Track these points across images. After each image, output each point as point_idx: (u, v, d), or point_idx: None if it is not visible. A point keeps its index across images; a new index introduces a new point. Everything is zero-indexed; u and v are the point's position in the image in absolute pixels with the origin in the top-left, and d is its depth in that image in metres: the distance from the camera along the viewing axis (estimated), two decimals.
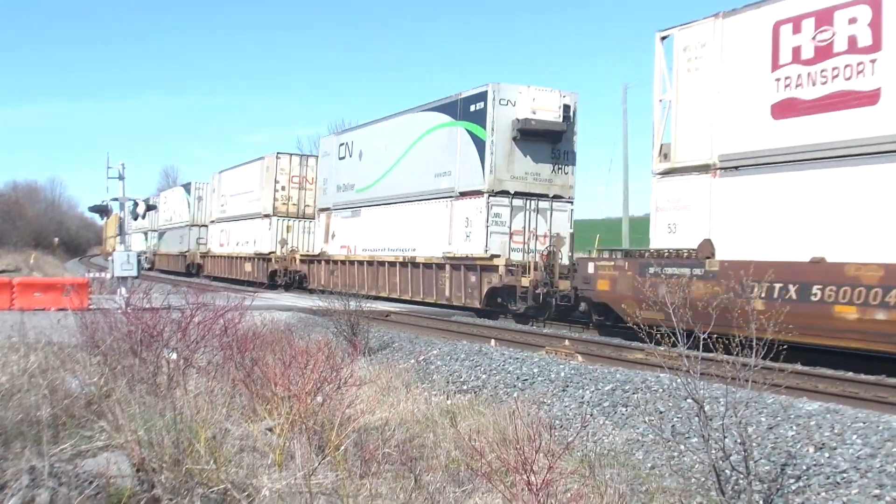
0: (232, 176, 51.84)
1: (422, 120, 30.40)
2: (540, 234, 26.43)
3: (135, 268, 26.02)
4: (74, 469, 6.67)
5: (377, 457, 8.50)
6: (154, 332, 11.09)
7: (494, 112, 26.10)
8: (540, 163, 26.80)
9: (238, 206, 49.25)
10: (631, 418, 11.64)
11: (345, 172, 36.77)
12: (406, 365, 16.58)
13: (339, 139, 38.53)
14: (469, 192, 26.98)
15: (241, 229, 48.54)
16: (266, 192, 43.88)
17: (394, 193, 31.93)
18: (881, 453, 8.95)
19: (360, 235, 34.60)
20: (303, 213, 43.76)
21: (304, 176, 43.82)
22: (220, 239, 53.11)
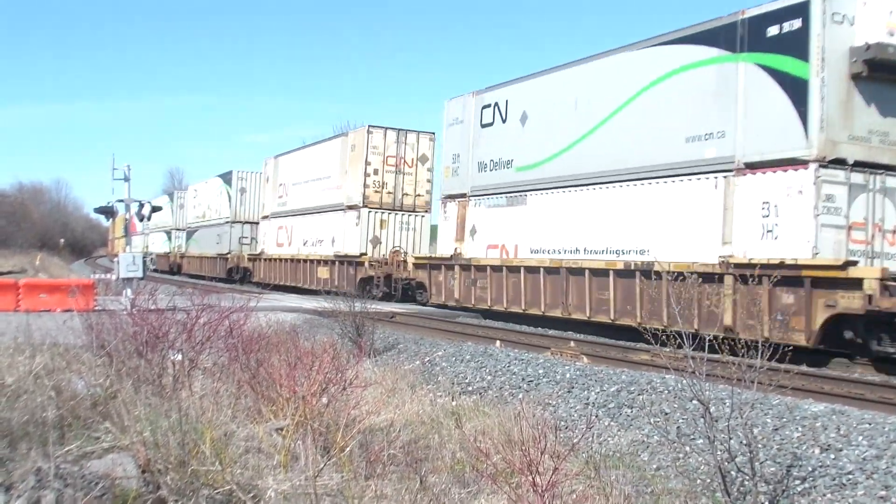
0: (296, 160, 42.94)
1: (651, 59, 20.46)
2: (889, 229, 17.08)
3: (140, 269, 26.08)
4: (80, 470, 6.68)
5: (382, 458, 8.51)
6: (159, 334, 11.10)
7: (825, 34, 16.43)
8: (891, 116, 17.15)
9: (306, 197, 40.29)
10: (636, 419, 11.63)
11: (493, 144, 26.06)
12: (411, 366, 16.59)
13: (480, 99, 27.03)
14: (769, 162, 17.30)
15: (310, 225, 39.52)
16: (352, 177, 35.05)
17: (595, 170, 21.68)
18: (887, 455, 8.93)
19: (525, 231, 24.18)
20: (400, 205, 34.86)
21: (402, 156, 34.77)
22: (279, 237, 43.95)
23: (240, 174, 50.91)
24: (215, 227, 53.69)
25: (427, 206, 35.24)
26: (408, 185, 34.93)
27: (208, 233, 55.63)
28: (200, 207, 58.96)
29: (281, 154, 45.54)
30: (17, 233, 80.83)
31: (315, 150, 40.89)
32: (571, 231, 22.29)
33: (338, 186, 36.45)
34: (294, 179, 42.30)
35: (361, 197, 34.26)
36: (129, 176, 28.21)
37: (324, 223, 37.94)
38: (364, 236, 34.32)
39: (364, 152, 34.26)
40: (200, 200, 59.35)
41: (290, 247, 41.97)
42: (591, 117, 21.79)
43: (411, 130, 35.11)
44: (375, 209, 34.46)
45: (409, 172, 34.85)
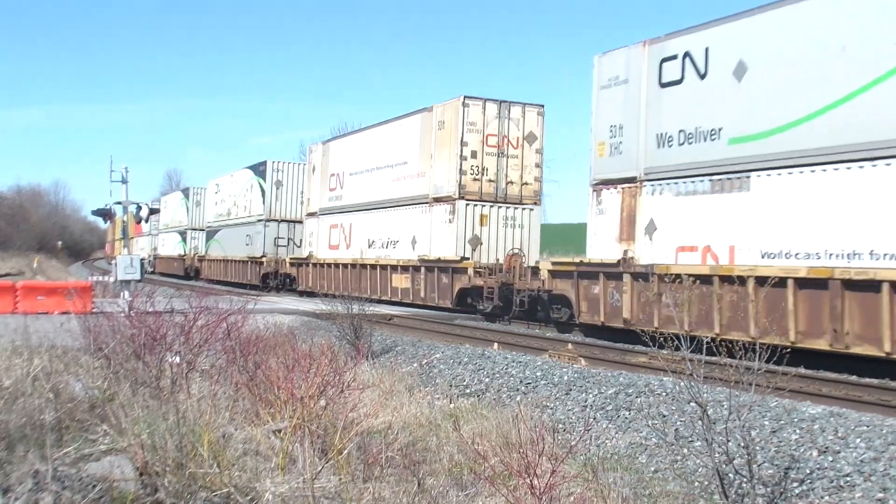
0: (354, 145, 35.93)
1: None
2: None
3: (138, 271, 26.05)
4: (78, 473, 6.68)
5: (380, 460, 8.51)
6: (157, 336, 11.11)
7: None
8: None
9: (370, 189, 33.63)
10: (634, 422, 11.63)
11: (683, 109, 18.64)
12: (409, 368, 16.59)
13: (658, 49, 19.54)
14: None
15: (378, 223, 32.91)
16: (440, 162, 28.40)
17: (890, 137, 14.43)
18: (885, 457, 8.94)
19: (748, 226, 16.97)
20: (503, 195, 27.99)
21: (505, 135, 27.94)
22: (332, 238, 36.96)
23: (276, 165, 44.26)
24: (244, 227, 46.90)
25: (536, 196, 28.85)
26: (512, 171, 28.10)
27: (235, 233, 49.06)
28: (224, 204, 51.97)
29: (333, 138, 39.31)
30: (14, 235, 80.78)
31: (382, 132, 33.32)
32: (843, 226, 15.13)
33: (419, 174, 29.82)
34: (352, 168, 35.51)
35: (456, 186, 27.31)
36: (126, 178, 28.09)
37: (398, 220, 31.30)
38: (461, 236, 27.38)
39: (458, 130, 27.38)
40: (224, 196, 52.29)
41: (350, 249, 35.08)
42: (876, 63, 14.77)
43: (515, 102, 28.31)
44: (474, 201, 27.55)
45: (513, 155, 28.09)
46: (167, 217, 70.14)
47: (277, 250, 43.35)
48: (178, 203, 67.54)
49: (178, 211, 66.57)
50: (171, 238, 68.32)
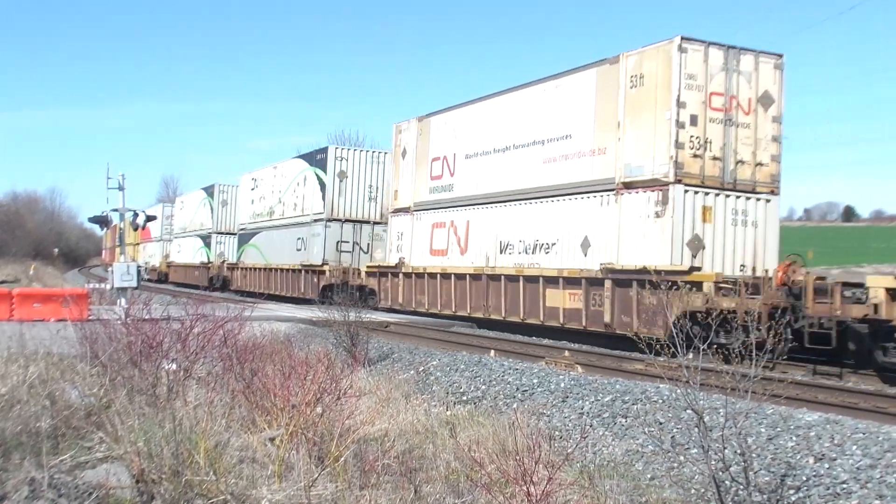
0: (477, 116, 26.95)
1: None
2: None
3: (134, 279, 26.06)
4: (74, 480, 6.68)
5: (377, 468, 8.51)
6: (154, 343, 11.11)
7: None
8: None
9: (504, 175, 25.12)
10: (630, 429, 11.63)
11: None
12: (406, 376, 16.57)
13: None
14: None
15: (520, 220, 24.30)
16: (640, 131, 20.08)
17: None
18: (881, 464, 8.95)
19: None
20: (732, 180, 19.87)
21: (734, 95, 19.94)
22: (437, 240, 28.57)
23: (339, 152, 36.04)
24: (294, 229, 39.00)
25: (774, 182, 20.42)
26: (743, 147, 19.98)
27: (280, 236, 40.97)
28: (265, 202, 44.15)
29: (435, 113, 29.44)
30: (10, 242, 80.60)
31: (523, 99, 24.67)
32: None
33: (594, 151, 21.43)
34: (470, 148, 27.04)
35: (670, 165, 19.00)
36: (123, 185, 28.19)
37: (557, 216, 22.63)
38: (677, 236, 19.04)
39: (670, 86, 19.15)
40: (264, 193, 44.40)
41: (467, 255, 26.66)
42: None
43: (745, 49, 20.17)
44: (695, 187, 19.31)
45: (744, 123, 20.02)
46: (184, 219, 63.11)
47: (341, 256, 35.30)
48: (198, 203, 58.90)
49: (199, 212, 58.50)
50: (190, 243, 60.34)
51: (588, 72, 22.04)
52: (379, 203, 35.75)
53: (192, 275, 58.41)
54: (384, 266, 31.88)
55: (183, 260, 62.26)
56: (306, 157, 39.19)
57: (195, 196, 60.88)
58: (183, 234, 62.97)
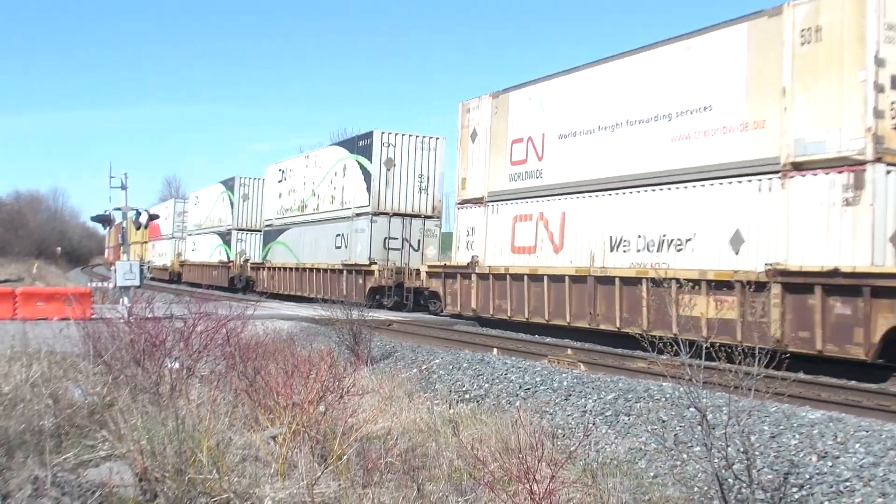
0: (572, 89, 22.35)
1: None
2: None
3: (137, 277, 26.09)
4: (77, 479, 6.69)
5: (380, 466, 8.51)
6: (156, 342, 11.11)
7: None
8: None
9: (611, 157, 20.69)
10: (634, 427, 11.63)
11: None
12: (409, 374, 16.58)
13: None
14: None
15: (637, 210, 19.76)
16: (817, 97, 15.82)
17: None
18: (884, 462, 8.94)
19: None
20: None
21: None
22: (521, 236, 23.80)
23: (385, 137, 32.25)
24: (332, 224, 35.46)
25: None
26: None
27: (315, 233, 37.36)
28: (295, 195, 40.31)
29: (516, 87, 24.78)
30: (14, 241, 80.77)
31: (638, 64, 20.36)
32: None
33: (745, 125, 17.27)
34: (564, 127, 22.43)
35: (868, 139, 14.85)
36: (126, 184, 28.25)
37: (692, 205, 18.35)
38: (878, 229, 14.88)
39: (865, 40, 15.01)
40: (294, 185, 40.66)
41: (562, 254, 22.07)
42: None
43: None
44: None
45: None
46: (199, 215, 58.77)
47: (389, 254, 31.75)
48: (216, 198, 54.45)
49: (217, 208, 54.02)
50: (207, 241, 55.64)
51: (735, 28, 17.66)
52: (430, 195, 32.78)
53: (209, 274, 54.18)
54: (452, 266, 26.69)
55: (199, 258, 57.83)
56: (346, 144, 35.37)
57: (212, 190, 55.79)
58: (198, 232, 58.40)
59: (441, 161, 33.11)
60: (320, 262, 36.27)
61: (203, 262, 56.22)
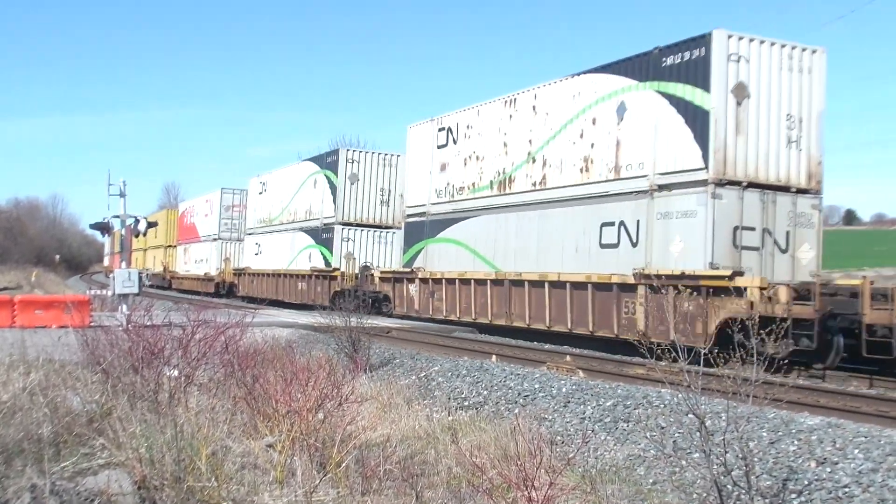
0: None
1: None
2: None
3: (136, 285, 26.05)
4: (76, 487, 6.68)
5: (378, 473, 8.51)
6: (155, 350, 11.10)
7: None
8: None
9: None
10: (632, 434, 11.63)
11: None
12: (407, 381, 16.57)
13: None
14: None
15: None
16: None
17: None
18: (883, 468, 8.93)
19: None
20: None
21: None
22: None
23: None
24: (594, 205, 22.05)
25: None
26: None
27: (561, 218, 23.27)
28: (479, 167, 27.07)
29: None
30: (12, 248, 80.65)
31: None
32: None
33: None
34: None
35: None
36: (124, 191, 28.19)
37: None
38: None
39: None
40: (478, 147, 27.31)
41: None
42: None
43: None
44: None
45: None
46: (270, 207, 44.69)
47: None
48: (301, 181, 40.39)
49: (303, 195, 40.01)
50: (285, 241, 41.74)
51: None
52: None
53: (293, 287, 39.99)
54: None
55: (271, 265, 43.47)
56: (625, 66, 21.56)
57: (294, 172, 41.77)
58: (268, 229, 44.71)
59: (820, 90, 22.71)
60: (571, 271, 22.62)
61: (282, 269, 41.73)
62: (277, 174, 44.48)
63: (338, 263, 35.18)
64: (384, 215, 36.00)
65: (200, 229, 58.16)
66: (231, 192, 53.84)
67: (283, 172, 43.60)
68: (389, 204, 34.40)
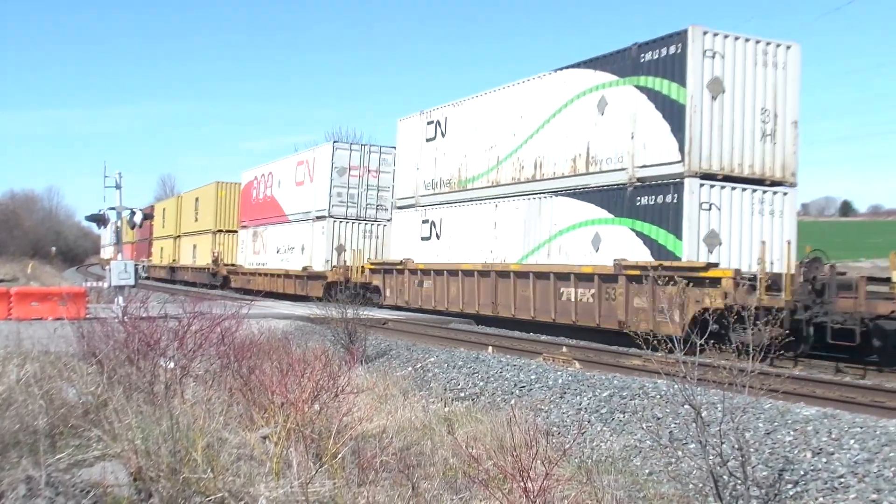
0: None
1: None
2: None
3: (132, 277, 26.00)
4: (71, 479, 6.66)
5: (374, 465, 8.50)
6: (151, 341, 11.08)
7: None
8: None
9: None
10: (628, 424, 11.64)
11: None
12: (403, 372, 16.58)
13: None
14: None
15: None
16: None
17: None
18: (878, 458, 8.96)
19: None
20: None
21: None
22: None
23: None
24: None
25: None
26: None
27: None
28: None
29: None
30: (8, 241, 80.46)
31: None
32: None
33: None
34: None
35: None
36: (120, 183, 28.08)
37: None
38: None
39: None
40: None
41: None
42: None
43: None
44: None
45: None
46: (463, 159, 27.83)
47: None
48: (557, 107, 23.46)
49: (572, 130, 22.76)
50: (525, 214, 24.40)
51: None
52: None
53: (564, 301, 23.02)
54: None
55: (455, 256, 27.50)
56: None
57: (526, 94, 25.04)
58: (461, 196, 27.85)
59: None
60: None
61: (509, 265, 24.67)
62: (478, 103, 27.15)
63: (691, 253, 18.97)
64: (766, 160, 19.99)
65: (287, 205, 40.43)
66: (347, 147, 36.44)
67: (492, 99, 26.45)
68: (776, 139, 19.98)
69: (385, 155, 35.66)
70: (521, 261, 24.10)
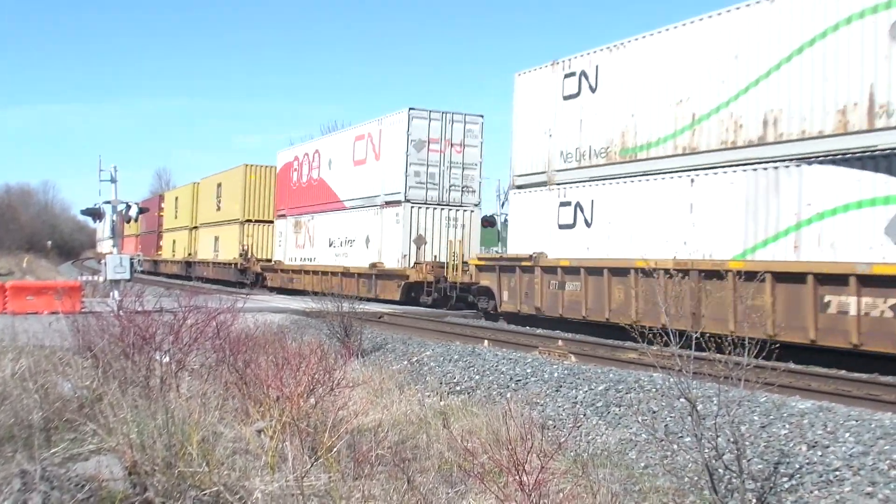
0: None
1: None
2: None
3: (127, 271, 26.03)
4: (66, 473, 6.66)
5: (370, 458, 8.50)
6: (146, 335, 11.07)
7: None
8: None
9: None
10: (624, 418, 11.65)
11: None
12: (399, 366, 16.58)
13: None
14: None
15: None
16: None
17: None
18: (874, 451, 8.97)
19: None
20: None
21: None
22: None
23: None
24: None
25: None
26: None
27: None
28: None
29: None
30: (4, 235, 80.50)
31: None
32: None
33: None
34: None
35: None
36: (115, 177, 28.16)
37: None
38: None
39: None
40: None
41: None
42: None
43: None
44: None
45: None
46: (645, 115, 19.81)
47: None
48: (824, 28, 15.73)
49: None
50: (775, 187, 16.44)
51: None
52: None
53: None
54: None
55: (633, 251, 19.67)
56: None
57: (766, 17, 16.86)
58: (619, 171, 20.66)
59: None
60: None
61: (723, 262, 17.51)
62: (650, 44, 19.87)
63: None
64: None
65: (341, 189, 34.46)
66: (426, 114, 29.88)
67: (676, 37, 19.14)
68: None
69: (470, 125, 29.89)
70: (745, 256, 17.15)
